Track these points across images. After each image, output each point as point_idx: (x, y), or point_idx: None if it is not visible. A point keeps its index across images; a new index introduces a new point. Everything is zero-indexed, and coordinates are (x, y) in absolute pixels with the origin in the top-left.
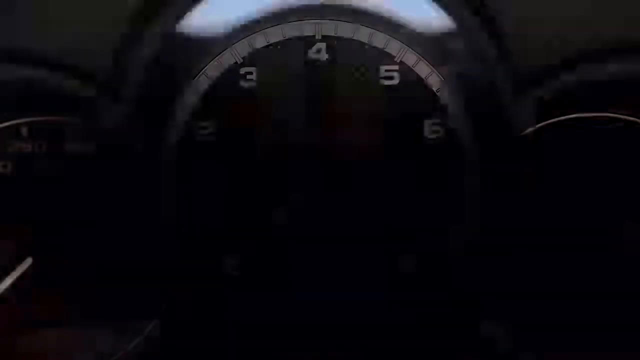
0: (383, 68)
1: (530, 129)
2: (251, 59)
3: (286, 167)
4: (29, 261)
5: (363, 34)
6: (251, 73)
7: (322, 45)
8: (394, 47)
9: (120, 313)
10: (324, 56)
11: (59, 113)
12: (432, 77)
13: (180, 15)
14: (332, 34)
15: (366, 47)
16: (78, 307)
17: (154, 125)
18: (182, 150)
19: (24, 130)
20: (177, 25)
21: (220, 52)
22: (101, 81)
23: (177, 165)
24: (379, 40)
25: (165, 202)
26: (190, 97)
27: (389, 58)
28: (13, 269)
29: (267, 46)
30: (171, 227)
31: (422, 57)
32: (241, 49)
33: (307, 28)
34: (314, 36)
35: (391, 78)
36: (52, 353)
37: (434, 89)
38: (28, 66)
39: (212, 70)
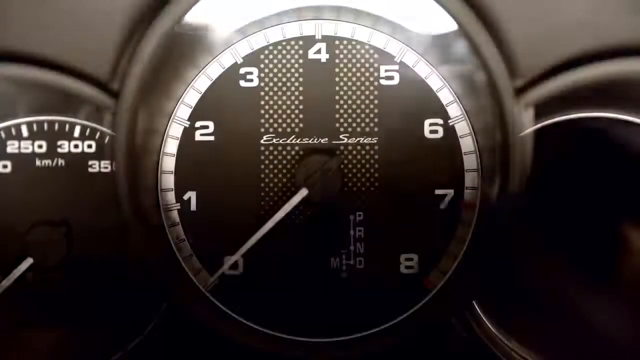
0: (383, 68)
1: (530, 129)
2: (251, 59)
3: (287, 166)
4: (29, 261)
5: (363, 34)
6: (251, 73)
7: (322, 45)
8: (394, 47)
9: (121, 313)
10: (324, 56)
11: (59, 113)
12: (432, 77)
13: (181, 15)
14: (332, 34)
15: (366, 47)
16: (78, 307)
17: (154, 125)
18: (183, 149)
19: (24, 130)
20: (177, 25)
21: (220, 52)
22: (101, 81)
23: (177, 164)
24: (379, 40)
25: (165, 201)
26: (191, 97)
27: (389, 58)
28: (13, 269)
29: (267, 46)
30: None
31: (422, 57)
32: (241, 49)
33: (307, 28)
34: (313, 36)
35: (391, 78)
36: (52, 352)
37: (434, 89)
38: (29, 67)
39: (212, 70)
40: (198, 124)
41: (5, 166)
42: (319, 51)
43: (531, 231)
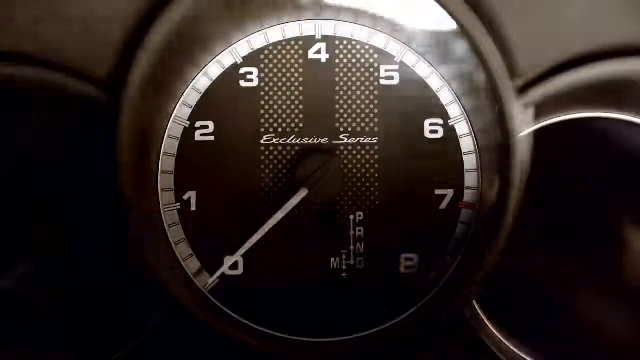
0: (383, 68)
1: (530, 129)
2: (251, 59)
3: (287, 166)
4: (30, 260)
5: (363, 34)
6: (251, 73)
7: (322, 45)
8: (394, 47)
9: (121, 313)
10: (324, 56)
11: (60, 113)
12: (432, 77)
13: (182, 16)
14: (332, 34)
15: (366, 47)
16: (78, 307)
17: (154, 125)
18: (183, 149)
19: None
20: (178, 26)
21: (220, 52)
22: (102, 81)
23: (177, 164)
24: (379, 40)
25: (165, 201)
26: (191, 97)
27: (389, 58)
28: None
29: (267, 46)
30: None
31: (422, 57)
32: (241, 49)
33: (307, 28)
34: (313, 36)
35: (391, 78)
36: (52, 353)
37: (434, 89)
38: (29, 67)
39: (212, 70)
40: (198, 124)
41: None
42: (319, 51)
43: (531, 231)
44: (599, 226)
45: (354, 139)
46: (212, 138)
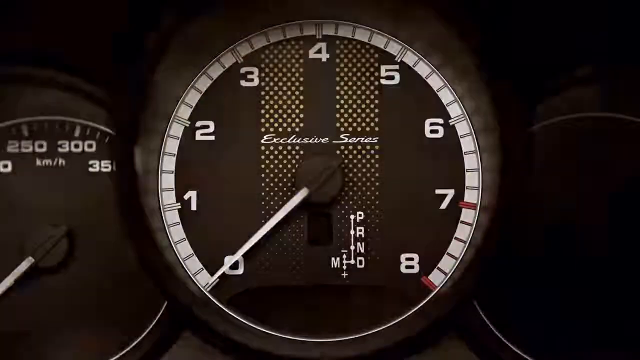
0: (383, 68)
1: (530, 129)
2: (252, 58)
3: (287, 166)
4: (29, 261)
5: (363, 33)
6: (252, 73)
7: (323, 45)
8: (394, 47)
9: (121, 313)
10: (325, 56)
11: (60, 113)
12: (432, 76)
13: (182, 15)
14: (333, 34)
15: (367, 46)
16: (79, 307)
17: (154, 125)
18: (183, 149)
19: (25, 130)
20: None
21: (221, 52)
22: (103, 80)
23: (177, 164)
24: (380, 40)
25: (165, 201)
26: (191, 97)
27: (389, 58)
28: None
29: (267, 46)
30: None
31: (423, 57)
32: (242, 49)
33: (308, 28)
34: (314, 36)
35: (391, 78)
36: (52, 352)
37: (434, 88)
38: (30, 66)
39: (213, 70)
40: (198, 123)
41: (5, 166)
42: (319, 51)
43: (532, 230)
44: (599, 226)
45: (355, 138)
46: (212, 138)
